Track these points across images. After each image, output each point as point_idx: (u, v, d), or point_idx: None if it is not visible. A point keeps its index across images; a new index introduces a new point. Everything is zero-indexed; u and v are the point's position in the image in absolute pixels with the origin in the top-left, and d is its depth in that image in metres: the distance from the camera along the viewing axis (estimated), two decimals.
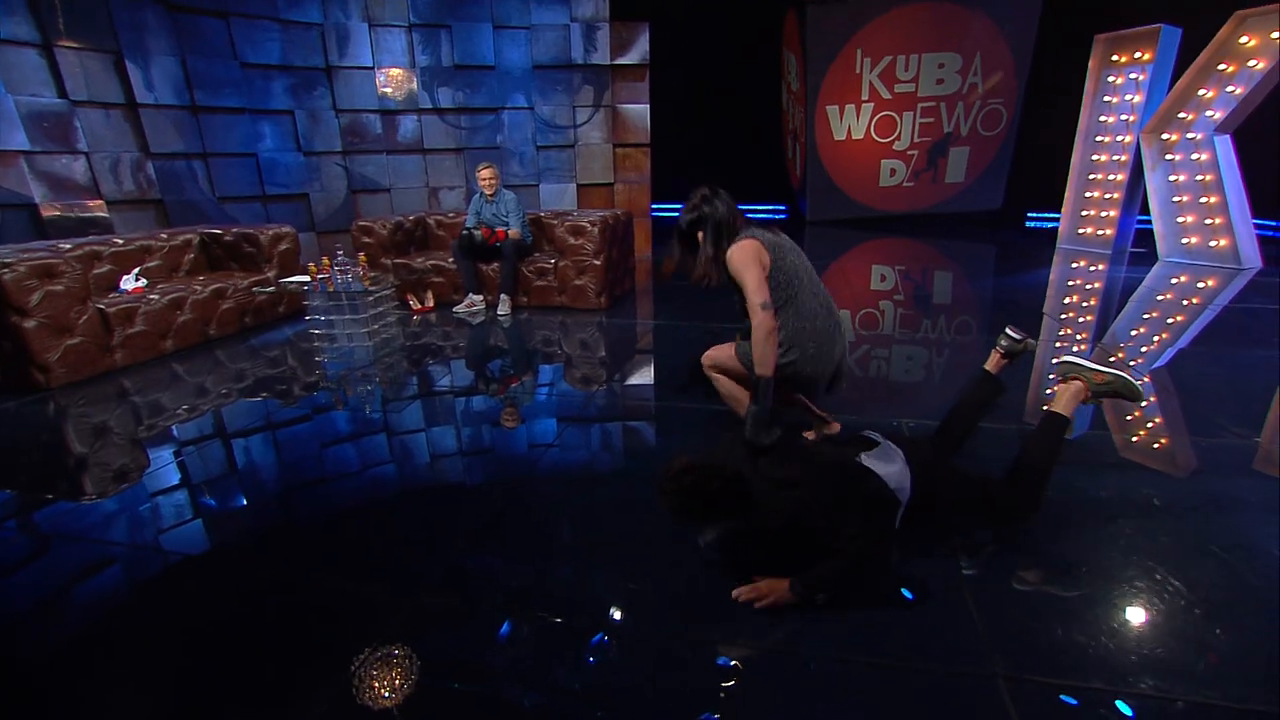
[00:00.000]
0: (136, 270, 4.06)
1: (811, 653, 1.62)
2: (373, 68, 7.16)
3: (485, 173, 5.17)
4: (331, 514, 2.45)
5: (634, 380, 3.80)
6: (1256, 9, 5.97)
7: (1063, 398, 2.21)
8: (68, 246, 3.68)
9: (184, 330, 4.12)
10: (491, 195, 5.22)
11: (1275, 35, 5.86)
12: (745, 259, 2.28)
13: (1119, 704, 1.44)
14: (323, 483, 2.69)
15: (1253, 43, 6.02)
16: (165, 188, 6.13)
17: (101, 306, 3.62)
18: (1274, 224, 8.57)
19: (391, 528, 2.32)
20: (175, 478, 2.66)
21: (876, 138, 10.51)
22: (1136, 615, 1.73)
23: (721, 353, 2.57)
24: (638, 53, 7.42)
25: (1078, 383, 2.22)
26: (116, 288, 3.93)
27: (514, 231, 5.15)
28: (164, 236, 4.53)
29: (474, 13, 7.21)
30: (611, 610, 1.80)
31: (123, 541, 2.21)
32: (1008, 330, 2.43)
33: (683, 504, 1.81)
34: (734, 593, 1.78)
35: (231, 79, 6.41)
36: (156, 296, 3.94)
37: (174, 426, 3.14)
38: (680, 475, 1.79)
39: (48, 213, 5.28)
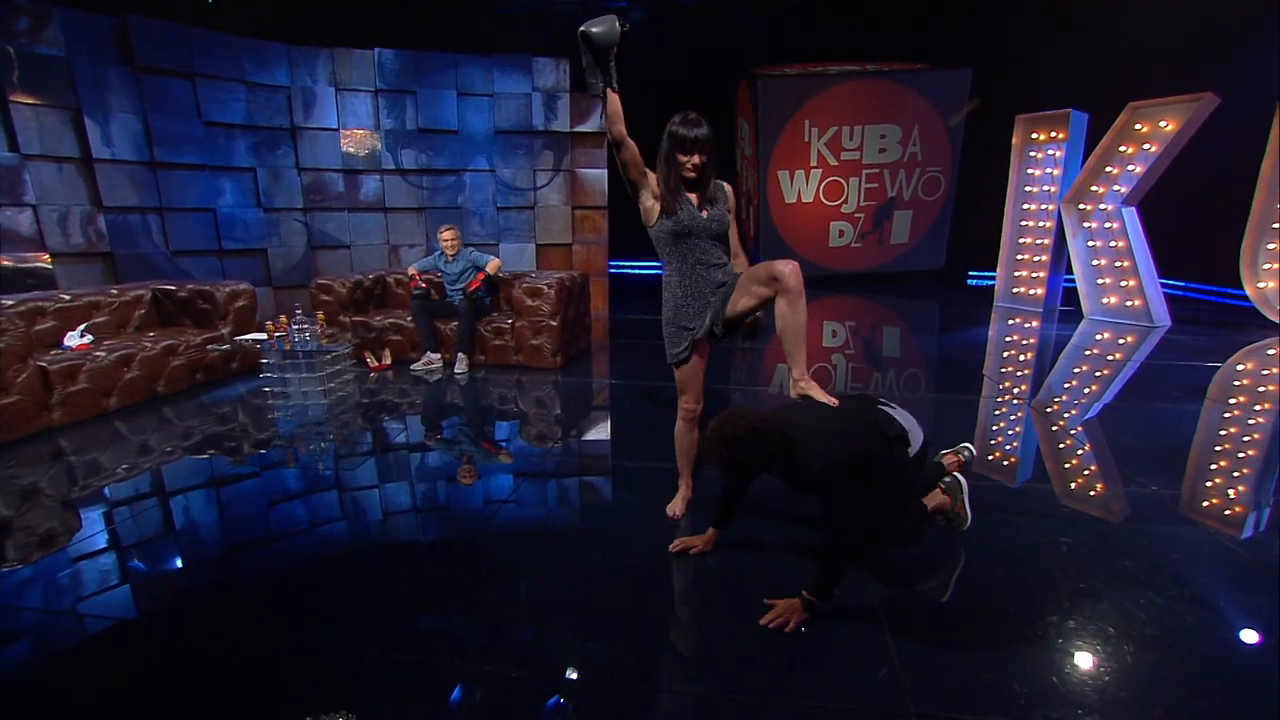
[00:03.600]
0: (83, 326, 3.99)
1: (747, 699, 1.68)
2: (337, 129, 7.31)
3: (448, 234, 5.31)
4: (277, 573, 2.42)
5: (588, 436, 3.87)
6: (1146, 101, 6.76)
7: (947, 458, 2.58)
8: (10, 302, 3.61)
9: (130, 387, 4.03)
10: (453, 255, 5.34)
11: (1163, 124, 6.58)
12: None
13: None
14: (268, 541, 2.65)
15: (1145, 129, 6.75)
16: (116, 241, 6.06)
17: (43, 364, 3.54)
18: (1180, 284, 9.34)
19: (339, 587, 2.29)
20: (109, 540, 2.58)
21: (825, 201, 11.09)
22: (1040, 652, 1.85)
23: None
24: (596, 121, 7.78)
25: (942, 497, 2.48)
26: (60, 344, 3.85)
27: (493, 262, 5.30)
28: (114, 292, 4.47)
29: (439, 80, 7.49)
30: (566, 670, 1.82)
31: (46, 608, 2.13)
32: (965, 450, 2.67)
33: (728, 450, 1.89)
34: (762, 620, 1.95)
35: (194, 137, 6.46)
36: (103, 354, 3.86)
37: (108, 487, 3.05)
38: (725, 422, 1.89)
39: None
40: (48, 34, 5.31)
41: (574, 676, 1.79)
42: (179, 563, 2.48)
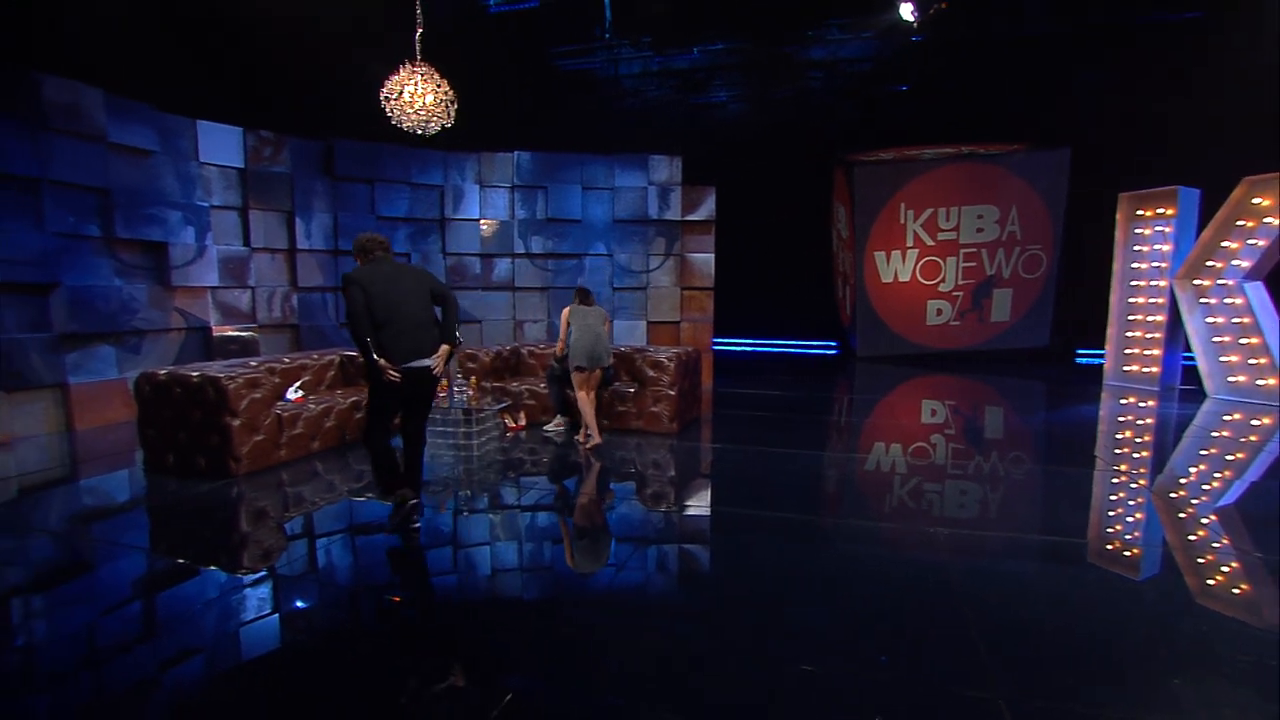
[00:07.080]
0: (298, 383, 4.93)
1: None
2: (477, 219, 8.49)
3: None
4: (393, 619, 2.66)
5: (696, 499, 4.21)
6: (1263, 175, 6.71)
7: None
8: (254, 363, 4.58)
9: (327, 435, 4.90)
10: None
11: None
12: None
13: None
14: (393, 587, 2.99)
15: (1266, 202, 6.67)
16: (303, 315, 7.30)
17: (278, 412, 4.44)
18: None
19: (450, 638, 2.48)
20: (283, 569, 3.04)
21: (922, 280, 11.30)
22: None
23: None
24: (705, 211, 8.58)
25: None
26: (282, 397, 4.78)
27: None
28: (315, 357, 5.45)
29: (567, 176, 8.59)
30: None
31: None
32: None
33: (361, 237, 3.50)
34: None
35: (368, 229, 7.75)
36: (314, 406, 4.76)
37: (301, 518, 3.69)
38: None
39: (217, 333, 6.43)
40: (281, 157, 6.78)
41: None
42: (316, 596, 2.80)
